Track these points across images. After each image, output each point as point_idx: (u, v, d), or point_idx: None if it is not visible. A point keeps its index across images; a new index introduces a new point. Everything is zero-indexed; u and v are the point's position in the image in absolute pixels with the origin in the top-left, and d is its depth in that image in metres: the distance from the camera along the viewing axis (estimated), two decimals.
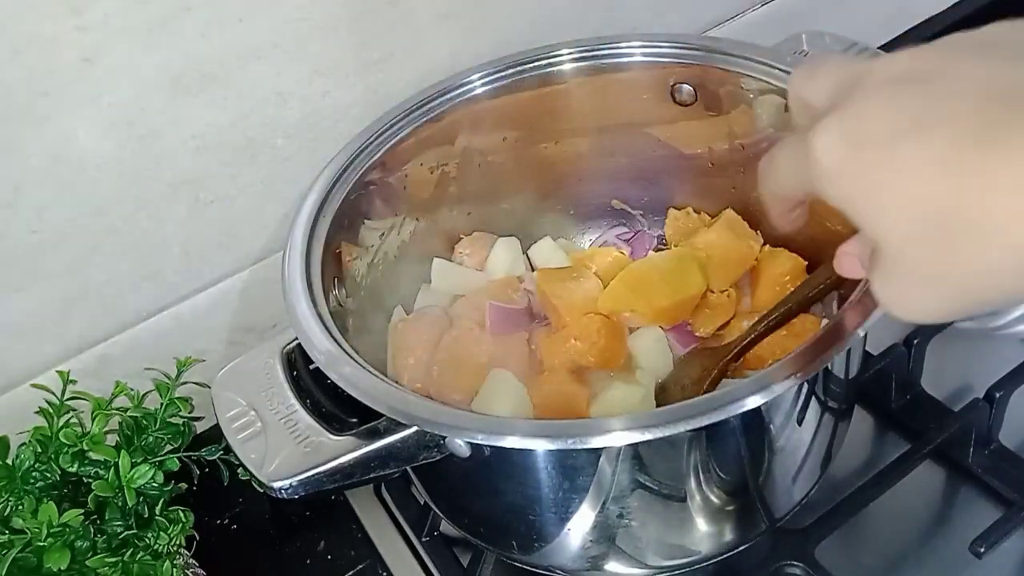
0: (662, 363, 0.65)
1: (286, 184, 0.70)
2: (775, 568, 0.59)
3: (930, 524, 0.63)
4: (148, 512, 0.56)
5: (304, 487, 0.49)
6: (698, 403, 0.45)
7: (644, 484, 0.50)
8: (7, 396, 0.66)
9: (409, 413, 0.47)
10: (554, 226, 0.77)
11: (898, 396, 0.68)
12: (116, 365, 0.69)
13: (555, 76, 0.68)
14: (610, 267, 0.70)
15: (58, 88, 0.58)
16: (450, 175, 0.70)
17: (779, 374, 0.45)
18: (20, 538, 0.51)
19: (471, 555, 0.64)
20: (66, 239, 0.63)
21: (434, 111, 0.67)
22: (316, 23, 0.66)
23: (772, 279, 0.66)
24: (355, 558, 0.67)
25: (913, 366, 0.68)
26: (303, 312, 0.53)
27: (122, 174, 0.63)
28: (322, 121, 0.70)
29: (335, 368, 0.50)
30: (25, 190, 0.60)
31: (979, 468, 0.64)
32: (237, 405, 0.53)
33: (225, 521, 0.71)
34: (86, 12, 0.57)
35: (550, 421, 0.47)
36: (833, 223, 0.61)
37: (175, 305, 0.71)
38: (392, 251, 0.68)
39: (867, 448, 0.67)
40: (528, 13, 0.77)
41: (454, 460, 0.49)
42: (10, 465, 0.55)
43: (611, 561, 0.55)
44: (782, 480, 0.56)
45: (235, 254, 0.72)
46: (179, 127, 0.64)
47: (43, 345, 0.66)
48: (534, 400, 0.60)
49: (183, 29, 0.60)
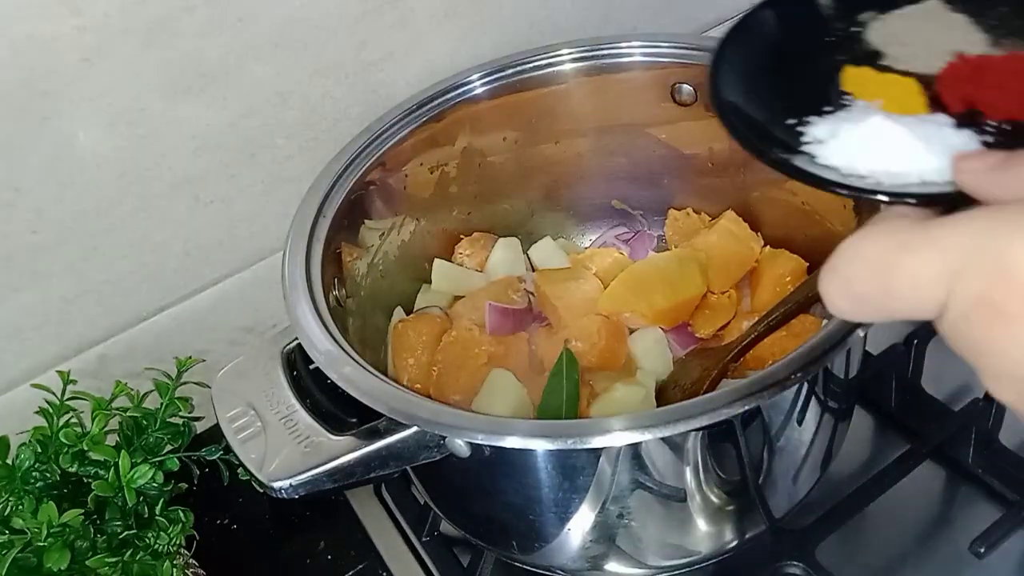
0: (662, 364, 0.65)
1: (286, 184, 0.70)
2: (775, 568, 0.59)
3: (930, 524, 0.63)
4: (148, 512, 0.56)
5: (304, 487, 0.49)
6: (698, 403, 0.45)
7: (644, 484, 0.50)
8: (7, 396, 0.66)
9: (409, 413, 0.47)
10: (554, 226, 0.77)
11: (898, 396, 0.68)
12: (116, 365, 0.69)
13: (555, 76, 0.68)
14: (610, 267, 0.70)
15: (58, 88, 0.58)
16: (450, 175, 0.70)
17: (779, 374, 0.45)
18: (20, 538, 0.51)
19: (471, 555, 0.64)
20: (66, 239, 0.63)
21: (434, 111, 0.67)
22: (316, 23, 0.66)
23: (772, 280, 0.66)
24: (355, 558, 0.67)
25: (913, 366, 0.67)
26: (303, 312, 0.53)
27: (122, 174, 0.63)
28: (322, 121, 0.70)
29: (335, 368, 0.50)
30: (25, 190, 0.60)
31: (979, 468, 0.64)
32: (237, 405, 0.53)
33: (225, 521, 0.71)
34: (86, 12, 0.57)
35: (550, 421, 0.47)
36: (833, 224, 0.61)
37: (175, 305, 0.71)
38: (392, 251, 0.68)
39: (867, 448, 0.67)
40: (528, 13, 0.77)
41: (454, 460, 0.49)
42: (10, 465, 0.54)
43: (611, 561, 0.55)
44: (782, 480, 0.56)
45: (235, 254, 0.72)
46: (179, 127, 0.64)
47: (43, 345, 0.66)
48: (534, 400, 0.60)
49: (183, 29, 0.60)
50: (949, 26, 0.44)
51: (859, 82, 0.44)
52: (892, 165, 0.39)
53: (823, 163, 0.41)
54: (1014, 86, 0.41)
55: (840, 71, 0.45)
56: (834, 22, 0.47)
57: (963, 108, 0.41)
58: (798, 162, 0.41)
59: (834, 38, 0.46)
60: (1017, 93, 0.40)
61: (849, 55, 0.45)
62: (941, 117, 0.41)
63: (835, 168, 0.40)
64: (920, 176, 0.38)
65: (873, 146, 0.40)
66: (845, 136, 0.41)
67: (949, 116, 0.41)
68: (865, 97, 0.43)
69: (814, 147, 0.41)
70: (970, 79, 0.42)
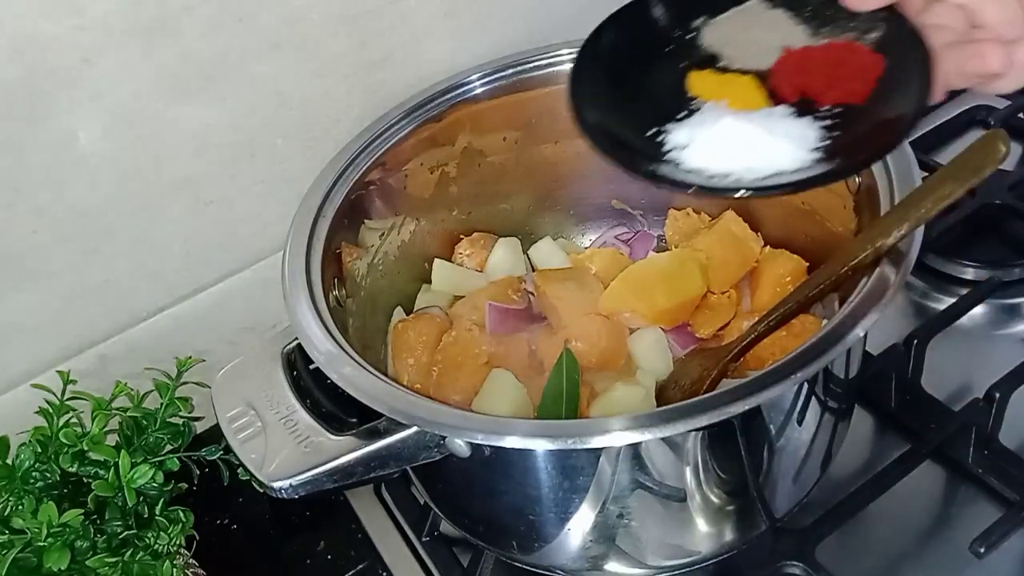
0: (662, 364, 0.65)
1: (286, 184, 0.70)
2: (775, 568, 0.59)
3: (930, 524, 0.63)
4: (148, 512, 0.56)
5: (304, 487, 0.49)
6: (698, 403, 0.45)
7: (644, 484, 0.50)
8: (7, 396, 0.66)
9: (409, 413, 0.47)
10: (554, 226, 0.77)
11: (898, 396, 0.68)
12: (116, 365, 0.69)
13: (555, 76, 0.68)
14: (610, 267, 0.70)
15: (58, 88, 0.58)
16: (450, 175, 0.70)
17: (779, 374, 0.45)
18: (20, 538, 0.51)
19: (471, 555, 0.64)
20: (66, 239, 0.63)
21: (434, 111, 0.67)
22: (316, 23, 0.66)
23: (772, 280, 0.66)
24: (355, 558, 0.67)
25: (913, 366, 0.67)
26: (303, 312, 0.53)
27: (122, 174, 0.63)
28: (322, 121, 0.70)
29: (335, 368, 0.50)
30: (25, 190, 0.60)
31: (979, 468, 0.64)
32: (237, 405, 0.53)
33: (225, 521, 0.71)
34: (86, 12, 0.57)
35: (550, 421, 0.47)
36: (833, 224, 0.61)
37: (175, 305, 0.71)
38: (392, 251, 0.68)
39: (867, 448, 0.67)
40: (528, 13, 0.77)
41: (454, 460, 0.49)
42: (10, 465, 0.55)
43: (611, 561, 0.55)
44: (782, 480, 0.56)
45: (235, 254, 0.72)
46: (179, 127, 0.64)
47: (43, 345, 0.66)
48: (534, 400, 0.60)
49: (183, 29, 0.60)
50: (772, 23, 0.47)
51: (704, 85, 0.47)
52: (748, 160, 0.43)
53: (687, 167, 0.44)
54: (835, 73, 0.44)
55: (685, 77, 0.48)
56: (670, 31, 0.49)
57: (797, 97, 0.45)
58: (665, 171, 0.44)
59: (673, 46, 0.49)
60: (839, 79, 0.44)
61: (690, 60, 0.48)
62: (781, 108, 0.45)
63: (699, 171, 0.44)
64: (774, 166, 0.42)
65: (728, 145, 0.43)
66: (702, 139, 0.44)
67: (788, 106, 0.45)
68: (712, 98, 0.46)
69: (677, 153, 0.44)
70: (798, 71, 0.45)
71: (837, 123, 0.44)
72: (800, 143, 0.43)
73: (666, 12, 0.49)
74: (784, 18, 0.47)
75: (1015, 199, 0.79)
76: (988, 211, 0.79)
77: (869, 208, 0.55)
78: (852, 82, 0.44)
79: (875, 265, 0.49)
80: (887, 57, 0.44)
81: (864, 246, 0.50)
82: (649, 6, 0.50)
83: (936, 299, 0.76)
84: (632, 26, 0.49)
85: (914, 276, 0.77)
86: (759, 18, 0.48)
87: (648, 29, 0.49)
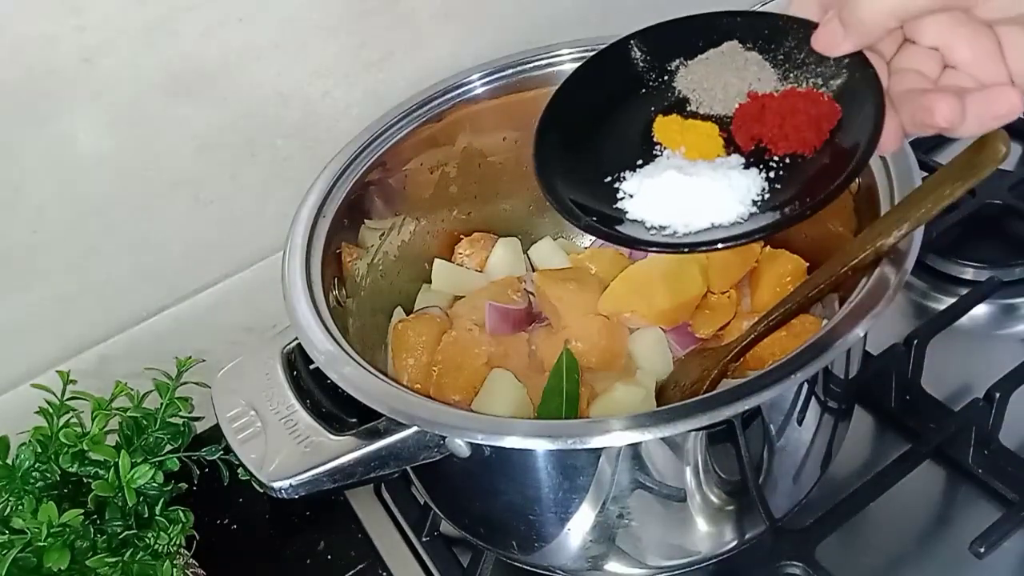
0: (662, 364, 0.65)
1: (286, 184, 0.70)
2: (775, 568, 0.59)
3: (930, 524, 0.63)
4: (148, 512, 0.56)
5: (304, 487, 0.49)
6: (698, 403, 0.45)
7: (644, 484, 0.50)
8: (7, 396, 0.66)
9: (409, 413, 0.47)
10: (554, 226, 0.77)
11: (898, 396, 0.68)
12: (116, 365, 0.69)
13: (555, 76, 0.68)
14: (610, 267, 0.70)
15: (58, 88, 0.58)
16: (450, 175, 0.70)
17: (779, 374, 0.45)
18: (20, 538, 0.51)
19: (471, 555, 0.64)
20: (66, 239, 0.63)
21: (434, 111, 0.67)
22: (316, 23, 0.66)
23: (772, 280, 0.66)
24: (355, 558, 0.67)
25: (913, 366, 0.67)
26: (303, 312, 0.53)
27: (122, 174, 0.63)
28: (322, 121, 0.70)
29: (335, 368, 0.50)
30: (25, 190, 0.60)
31: (979, 468, 0.64)
32: (237, 405, 0.53)
33: (225, 521, 0.71)
34: (86, 12, 0.57)
35: (550, 421, 0.47)
36: (834, 224, 0.61)
37: (175, 305, 0.71)
38: (392, 251, 0.68)
39: (867, 448, 0.67)
40: (528, 13, 0.77)
41: (454, 460, 0.49)
42: (10, 465, 0.55)
43: (611, 561, 0.55)
44: (782, 480, 0.56)
45: (235, 254, 0.72)
46: (179, 127, 0.64)
47: (43, 345, 0.66)
48: (534, 400, 0.60)
49: (183, 29, 0.60)
50: (745, 66, 0.46)
51: (667, 131, 0.46)
52: (686, 215, 0.43)
53: (632, 217, 0.44)
54: (790, 122, 0.43)
55: (653, 122, 0.47)
56: (648, 74, 0.49)
57: (752, 146, 0.44)
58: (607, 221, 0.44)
59: (647, 90, 0.48)
60: (793, 128, 0.43)
61: (661, 105, 0.48)
62: (734, 158, 0.44)
63: (641, 221, 0.43)
64: (710, 220, 0.42)
65: (669, 198, 0.43)
66: (646, 191, 0.44)
67: (741, 156, 0.44)
68: (672, 145, 0.46)
69: (625, 202, 0.44)
70: (756, 118, 0.44)
71: (781, 175, 0.43)
72: (742, 196, 0.43)
73: (646, 54, 0.48)
74: (757, 60, 0.46)
75: (1015, 199, 0.79)
76: (988, 211, 0.79)
77: (869, 208, 0.55)
78: (806, 132, 0.43)
79: (875, 265, 0.49)
80: (844, 106, 0.43)
81: (864, 246, 0.50)
82: (628, 48, 0.49)
83: (936, 299, 0.76)
84: (611, 68, 0.49)
85: (914, 276, 0.77)
86: (733, 60, 0.47)
87: (627, 71, 0.48)
